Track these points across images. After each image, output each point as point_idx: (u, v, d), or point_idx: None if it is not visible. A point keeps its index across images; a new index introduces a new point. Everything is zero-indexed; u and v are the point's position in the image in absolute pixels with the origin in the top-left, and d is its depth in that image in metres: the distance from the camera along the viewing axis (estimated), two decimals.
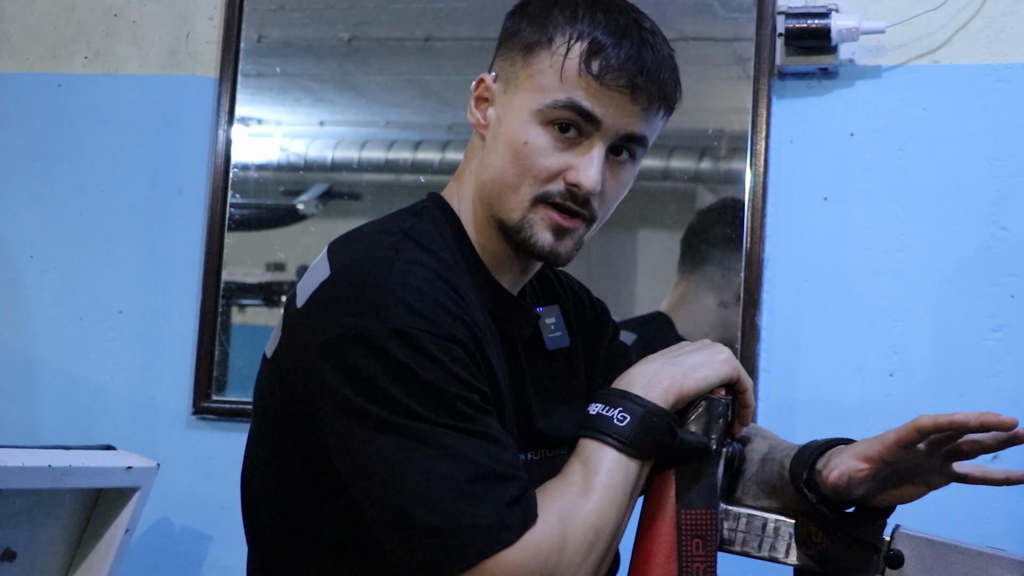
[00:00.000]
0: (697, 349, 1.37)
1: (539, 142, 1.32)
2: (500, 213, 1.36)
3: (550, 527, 1.19)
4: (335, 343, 1.21)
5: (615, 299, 2.36)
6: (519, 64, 1.35)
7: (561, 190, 1.33)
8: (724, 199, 2.35)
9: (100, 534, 2.22)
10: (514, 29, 1.38)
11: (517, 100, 1.35)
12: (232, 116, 2.53)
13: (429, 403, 1.18)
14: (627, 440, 1.26)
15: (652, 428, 1.27)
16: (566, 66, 1.31)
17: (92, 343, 2.56)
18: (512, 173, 1.34)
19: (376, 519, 1.20)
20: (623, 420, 1.27)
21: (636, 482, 1.28)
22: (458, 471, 1.16)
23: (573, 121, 1.32)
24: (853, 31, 2.23)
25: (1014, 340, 2.18)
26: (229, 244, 2.51)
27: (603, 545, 1.23)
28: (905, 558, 1.27)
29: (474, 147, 1.42)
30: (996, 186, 2.22)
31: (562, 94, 1.31)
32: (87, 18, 2.65)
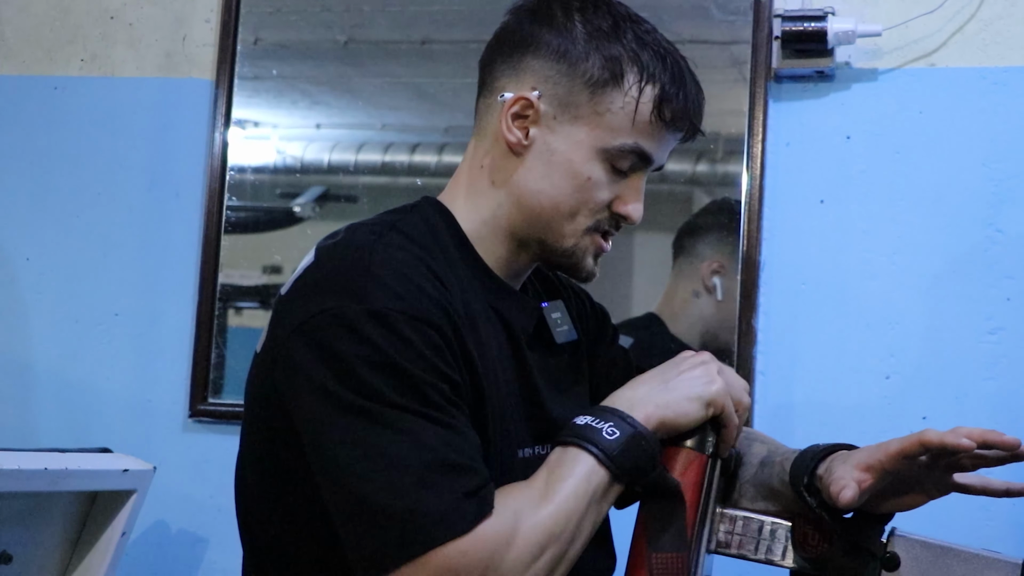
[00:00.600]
0: (690, 371, 1.33)
1: (601, 179, 1.37)
2: (549, 237, 1.39)
3: (502, 522, 1.17)
4: (310, 323, 1.22)
5: (612, 301, 2.35)
6: (583, 97, 1.35)
7: (608, 219, 1.40)
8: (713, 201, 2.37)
9: (96, 537, 2.22)
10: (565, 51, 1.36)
11: (578, 132, 1.36)
12: (229, 119, 2.53)
13: (397, 387, 1.18)
14: (611, 455, 1.23)
15: (638, 451, 1.24)
16: (639, 111, 1.36)
17: (88, 346, 2.55)
18: (570, 204, 1.38)
19: (332, 501, 1.20)
20: (612, 435, 1.24)
21: (603, 499, 1.25)
22: (418, 458, 1.15)
23: (632, 164, 1.38)
24: (849, 34, 2.23)
25: (1010, 343, 2.19)
26: (226, 247, 2.50)
27: (555, 551, 1.20)
28: (901, 561, 1.27)
29: (498, 159, 1.40)
30: (992, 189, 2.22)
31: (630, 139, 1.36)
32: (83, 21, 2.65)
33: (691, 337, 2.34)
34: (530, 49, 1.38)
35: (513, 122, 1.37)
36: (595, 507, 1.23)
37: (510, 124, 1.37)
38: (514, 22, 1.41)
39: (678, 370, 1.32)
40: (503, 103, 1.37)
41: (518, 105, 1.37)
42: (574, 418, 1.28)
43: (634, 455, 1.24)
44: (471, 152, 1.44)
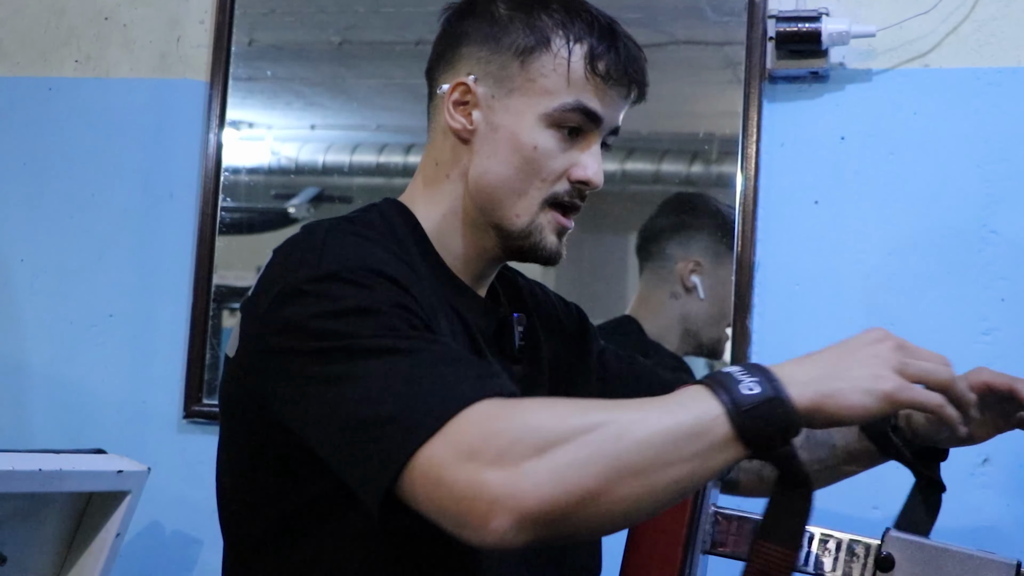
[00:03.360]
0: (867, 359, 1.13)
1: (548, 145, 1.36)
2: (502, 218, 1.38)
3: (556, 403, 1.06)
4: (272, 305, 1.21)
5: (606, 301, 2.36)
6: (514, 68, 1.37)
7: (567, 189, 1.38)
8: (674, 194, 2.37)
9: (91, 538, 2.21)
10: (491, 32, 1.39)
11: (517, 103, 1.37)
12: (223, 120, 2.53)
13: (369, 325, 1.14)
14: (740, 408, 1.06)
15: (772, 417, 1.06)
16: (572, 68, 1.35)
17: (83, 347, 2.55)
18: (519, 178, 1.36)
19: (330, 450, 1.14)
20: (751, 390, 1.07)
21: (709, 453, 1.05)
22: (413, 364, 1.10)
23: (579, 123, 1.36)
24: (843, 35, 2.24)
25: (1004, 344, 2.19)
26: (220, 248, 2.50)
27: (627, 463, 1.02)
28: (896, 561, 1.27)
29: (450, 152, 1.42)
30: (986, 190, 2.22)
31: (570, 97, 1.35)
32: (78, 22, 2.65)
33: (670, 338, 2.34)
34: (460, 41, 1.41)
35: (455, 110, 1.40)
36: (699, 459, 1.05)
37: (452, 112, 1.40)
38: (444, 25, 1.46)
39: (853, 356, 1.13)
40: (443, 96, 1.40)
41: (457, 92, 1.40)
42: None
43: (766, 420, 1.06)
44: (426, 152, 1.47)
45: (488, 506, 1.00)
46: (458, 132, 1.40)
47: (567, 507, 1.01)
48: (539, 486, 1.00)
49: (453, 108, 1.40)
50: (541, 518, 1.00)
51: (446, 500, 1.03)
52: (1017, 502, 2.15)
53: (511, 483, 1.01)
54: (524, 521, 1.00)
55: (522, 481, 1.00)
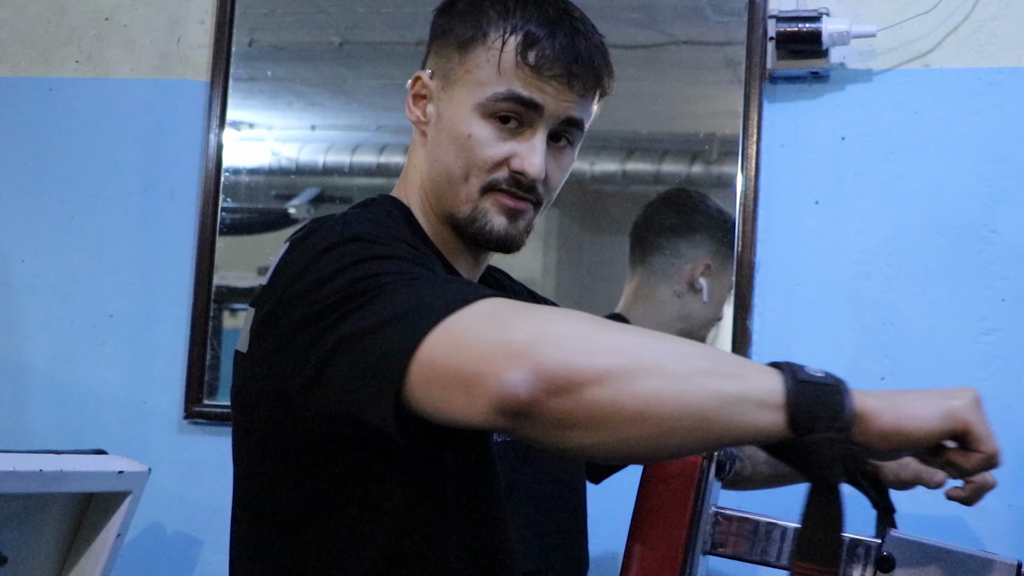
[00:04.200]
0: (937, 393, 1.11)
1: (482, 134, 1.37)
2: (450, 207, 1.40)
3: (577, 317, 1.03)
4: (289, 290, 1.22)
5: (606, 301, 2.36)
6: (455, 60, 1.40)
7: (506, 176, 1.38)
8: (669, 190, 2.36)
9: (91, 538, 2.21)
10: (447, 26, 1.42)
11: (456, 95, 1.39)
12: (223, 120, 2.53)
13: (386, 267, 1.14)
14: (797, 379, 1.04)
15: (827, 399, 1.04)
16: (503, 59, 1.36)
17: (83, 347, 2.55)
18: (458, 166, 1.38)
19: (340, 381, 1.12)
20: (816, 372, 1.06)
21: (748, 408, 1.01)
22: (426, 283, 1.10)
23: (514, 111, 1.37)
24: (844, 35, 2.24)
25: (1005, 344, 2.19)
26: (220, 248, 2.50)
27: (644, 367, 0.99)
28: (896, 561, 1.27)
29: (416, 144, 1.46)
30: (987, 190, 2.22)
31: (501, 86, 1.36)
32: (78, 22, 2.65)
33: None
34: (431, 37, 1.47)
35: (414, 104, 1.44)
36: (734, 401, 1.01)
37: (411, 105, 1.44)
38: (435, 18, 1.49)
39: (928, 393, 1.11)
40: (407, 89, 1.45)
41: (416, 86, 1.44)
42: None
43: (818, 400, 1.03)
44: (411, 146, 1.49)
45: (510, 357, 0.97)
46: (416, 124, 1.45)
47: (584, 378, 0.97)
48: (563, 349, 0.98)
49: (412, 102, 1.45)
50: (556, 380, 0.97)
51: (468, 358, 1.00)
52: (1018, 502, 2.15)
53: (538, 339, 0.98)
54: (540, 377, 0.97)
55: (548, 341, 0.98)
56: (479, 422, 1.00)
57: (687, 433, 1.00)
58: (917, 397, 1.08)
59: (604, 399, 0.97)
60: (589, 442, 1.00)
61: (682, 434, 1.00)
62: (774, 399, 1.02)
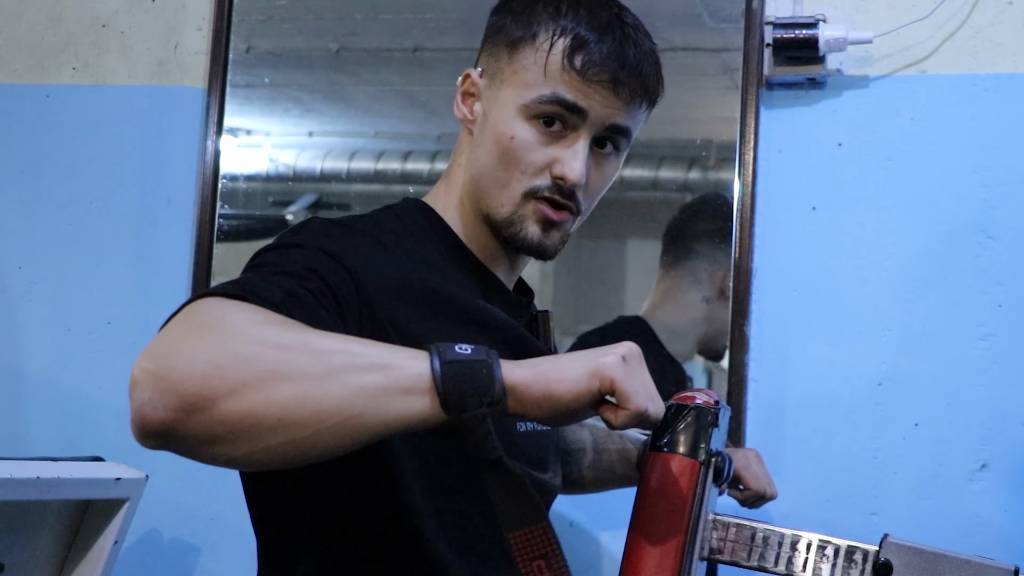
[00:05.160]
0: (590, 354, 1.12)
1: (526, 137, 1.36)
2: (488, 208, 1.40)
3: (262, 311, 1.04)
4: None
5: (604, 308, 2.36)
6: (504, 60, 1.39)
7: (548, 184, 1.37)
8: (707, 194, 2.36)
9: (89, 545, 2.21)
10: (499, 25, 1.42)
11: (503, 95, 1.39)
12: (221, 127, 2.53)
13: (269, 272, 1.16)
14: (444, 360, 1.03)
15: (475, 375, 1.03)
16: (550, 61, 1.35)
17: (81, 354, 2.55)
18: (500, 168, 1.37)
19: None
20: (463, 350, 1.05)
21: (391, 395, 1.01)
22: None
23: (558, 115, 1.35)
24: (840, 41, 2.24)
25: (1002, 349, 2.19)
26: (218, 255, 2.50)
27: (283, 378, 0.98)
28: (894, 567, 1.27)
29: (462, 142, 1.46)
30: (984, 195, 2.23)
31: (547, 89, 1.35)
32: (75, 29, 2.65)
33: (688, 340, 2.34)
34: (484, 36, 1.46)
35: (463, 101, 1.44)
36: (379, 394, 1.01)
37: (459, 103, 1.44)
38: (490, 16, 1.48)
39: (579, 352, 1.14)
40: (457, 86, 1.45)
41: (465, 83, 1.44)
42: None
43: (467, 378, 1.03)
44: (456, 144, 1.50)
45: (139, 374, 0.98)
46: (464, 122, 1.44)
47: (213, 392, 0.96)
48: (193, 363, 0.97)
49: (461, 99, 1.44)
50: (185, 396, 0.96)
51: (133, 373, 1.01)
52: (1015, 507, 2.15)
53: (167, 356, 0.98)
54: (166, 394, 0.96)
55: (179, 356, 0.98)
56: (142, 444, 1.00)
57: (336, 432, 0.99)
58: (568, 360, 1.09)
59: (240, 411, 0.96)
60: (237, 454, 0.99)
61: (331, 434, 0.99)
62: (422, 384, 1.02)
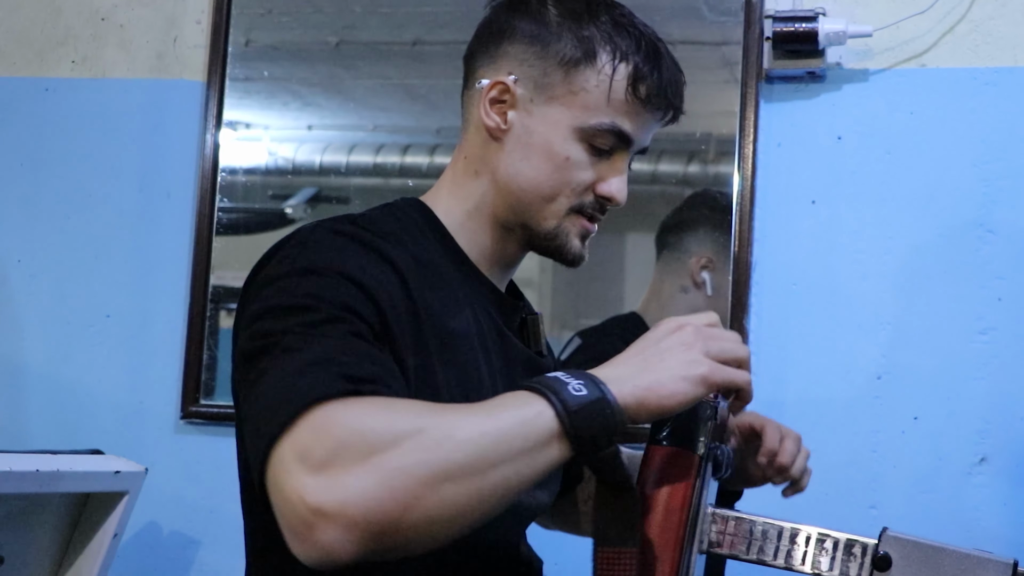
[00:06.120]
0: (672, 348, 1.18)
1: (579, 158, 1.38)
2: (530, 219, 1.40)
3: (390, 405, 1.05)
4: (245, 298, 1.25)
5: (603, 302, 2.36)
6: (557, 77, 1.38)
7: (591, 202, 1.40)
8: (700, 191, 2.37)
9: (88, 538, 2.21)
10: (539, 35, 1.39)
11: (554, 112, 1.38)
12: (220, 120, 2.53)
13: (306, 322, 1.14)
14: (569, 409, 1.07)
15: (600, 418, 1.09)
16: (614, 88, 1.37)
17: (80, 347, 2.55)
18: (549, 185, 1.38)
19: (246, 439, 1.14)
20: (578, 391, 1.09)
21: (537, 452, 1.07)
22: (307, 360, 1.09)
23: (611, 144, 1.39)
24: (840, 35, 2.24)
25: (1001, 343, 2.19)
26: (217, 248, 2.50)
27: (454, 468, 1.02)
28: (893, 560, 1.27)
29: (479, 147, 1.42)
30: (983, 189, 2.23)
31: (607, 117, 1.37)
32: (74, 22, 2.65)
33: None
34: (505, 37, 1.41)
35: (491, 107, 1.40)
36: (524, 457, 1.06)
37: (488, 110, 1.40)
38: (491, 15, 1.45)
39: (658, 348, 1.18)
40: (481, 90, 1.41)
41: (495, 90, 1.40)
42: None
43: (594, 420, 1.08)
44: (456, 148, 1.47)
45: (312, 515, 0.99)
46: (491, 130, 1.41)
47: (393, 514, 0.99)
48: (364, 492, 0.99)
49: (490, 106, 1.40)
50: (369, 527, 0.98)
51: (281, 506, 1.02)
52: (1014, 501, 2.16)
53: (335, 491, 0.99)
54: (351, 531, 0.98)
55: (347, 489, 0.99)
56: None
57: (502, 500, 1.06)
58: (665, 369, 1.15)
59: (420, 521, 1.01)
60: (424, 550, 1.04)
61: (498, 502, 1.06)
62: (554, 434, 1.08)
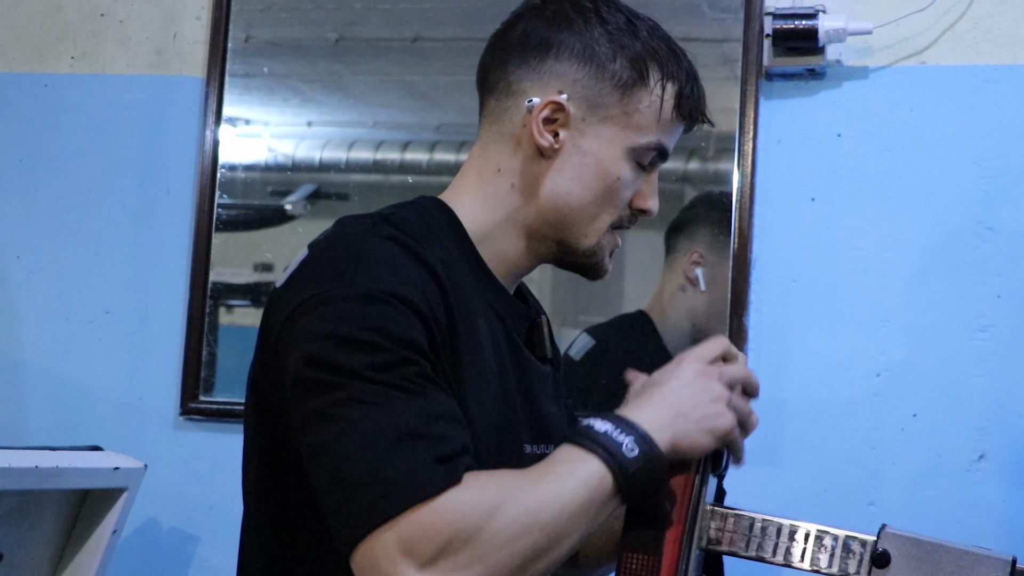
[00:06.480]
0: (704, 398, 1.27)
1: (628, 177, 1.40)
2: (570, 236, 1.41)
3: (481, 493, 1.13)
4: (299, 308, 1.24)
5: (603, 299, 2.36)
6: (613, 97, 1.38)
7: (628, 215, 1.43)
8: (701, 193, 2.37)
9: (87, 535, 2.21)
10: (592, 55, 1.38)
11: (607, 131, 1.38)
12: (220, 116, 2.53)
13: (373, 363, 1.17)
14: (627, 474, 1.18)
15: (652, 476, 1.20)
16: (664, 108, 1.39)
17: (79, 343, 2.55)
18: (596, 203, 1.40)
19: (313, 476, 1.19)
20: (632, 451, 1.18)
21: (600, 512, 1.19)
22: (389, 428, 1.14)
23: (653, 161, 1.41)
24: (840, 32, 2.24)
25: (1000, 340, 2.19)
26: (217, 244, 2.50)
27: (537, 541, 1.13)
28: (892, 557, 1.27)
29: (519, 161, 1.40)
30: (983, 186, 2.23)
31: (654, 136, 1.39)
32: (74, 18, 2.64)
33: (682, 333, 2.34)
34: (551, 53, 1.38)
35: (544, 126, 1.38)
36: (590, 517, 1.18)
37: (541, 129, 1.38)
38: (527, 26, 1.41)
39: (690, 392, 1.26)
40: (531, 107, 1.38)
41: (548, 109, 1.37)
42: (589, 421, 1.23)
43: (647, 479, 1.19)
44: (481, 154, 1.44)
45: None
46: (543, 149, 1.38)
47: None
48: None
49: (543, 125, 1.38)
50: None
51: None
52: (1013, 498, 2.16)
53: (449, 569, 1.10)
54: None
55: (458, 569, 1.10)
56: None
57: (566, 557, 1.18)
58: (696, 425, 1.25)
59: None
60: None
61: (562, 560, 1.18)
62: (613, 491, 1.18)
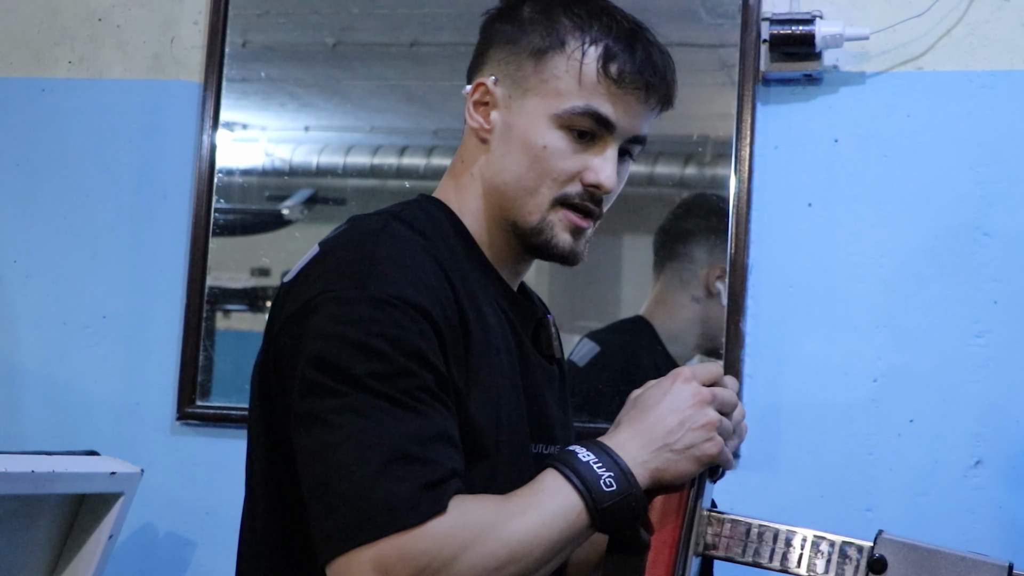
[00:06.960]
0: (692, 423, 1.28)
1: (558, 145, 1.37)
2: (516, 216, 1.40)
3: (462, 524, 1.16)
4: (308, 304, 1.24)
5: (601, 304, 2.36)
6: (529, 69, 1.38)
7: (579, 191, 1.39)
8: (695, 195, 2.37)
9: (84, 540, 2.21)
10: (513, 34, 1.40)
11: (529, 104, 1.38)
12: (217, 121, 2.53)
13: (376, 372, 1.18)
14: (600, 507, 1.22)
15: (626, 510, 1.23)
16: (584, 71, 1.36)
17: (76, 348, 2.55)
18: (530, 177, 1.38)
19: (302, 477, 1.21)
20: (608, 487, 1.22)
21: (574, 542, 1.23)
22: (382, 446, 1.15)
23: (590, 128, 1.37)
24: (837, 37, 2.24)
25: (997, 345, 2.19)
26: (214, 249, 2.50)
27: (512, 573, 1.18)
28: (888, 563, 1.27)
29: (472, 150, 1.44)
30: (979, 192, 2.23)
31: (580, 100, 1.36)
32: (71, 23, 2.64)
33: (687, 341, 2.34)
34: (489, 43, 1.44)
35: (476, 110, 1.42)
36: (565, 546, 1.22)
37: (472, 112, 1.42)
38: (481, 27, 1.47)
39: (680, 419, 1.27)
40: (466, 95, 1.43)
41: (478, 92, 1.42)
42: (575, 448, 1.25)
43: (620, 513, 1.22)
44: (458, 149, 1.48)
45: None
46: (477, 132, 1.42)
47: None
48: None
49: (473, 108, 1.42)
50: None
51: None
52: (1009, 504, 2.16)
53: None
54: None
55: None
56: None
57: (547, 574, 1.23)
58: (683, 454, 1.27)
59: None
60: None
61: None
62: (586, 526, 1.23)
